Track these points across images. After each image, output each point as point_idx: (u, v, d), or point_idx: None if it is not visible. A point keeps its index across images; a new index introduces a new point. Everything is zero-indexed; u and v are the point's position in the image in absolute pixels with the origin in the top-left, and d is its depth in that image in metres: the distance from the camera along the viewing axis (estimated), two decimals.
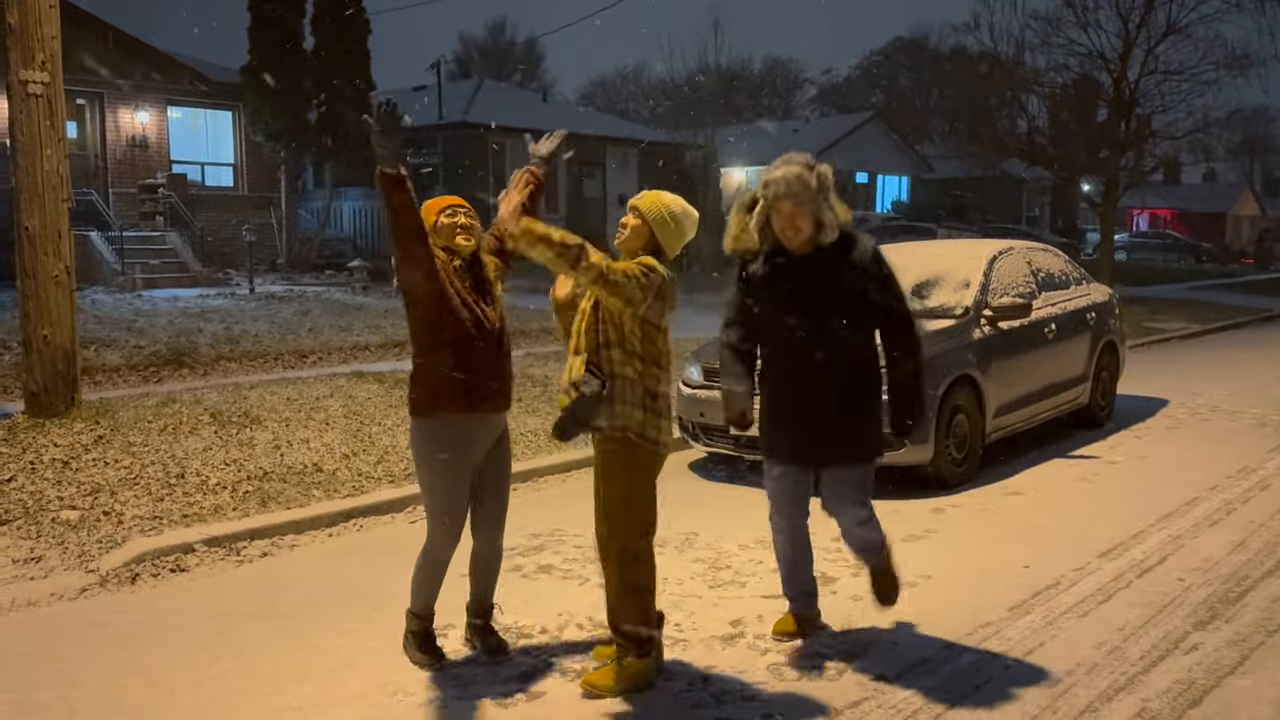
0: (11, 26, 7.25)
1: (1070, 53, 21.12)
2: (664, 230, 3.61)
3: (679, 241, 3.65)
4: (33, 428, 7.08)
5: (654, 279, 3.49)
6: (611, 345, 3.54)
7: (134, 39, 20.06)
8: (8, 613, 4.52)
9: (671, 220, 3.62)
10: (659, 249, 3.61)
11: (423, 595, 3.96)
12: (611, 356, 3.54)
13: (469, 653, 4.07)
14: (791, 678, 3.83)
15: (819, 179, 3.77)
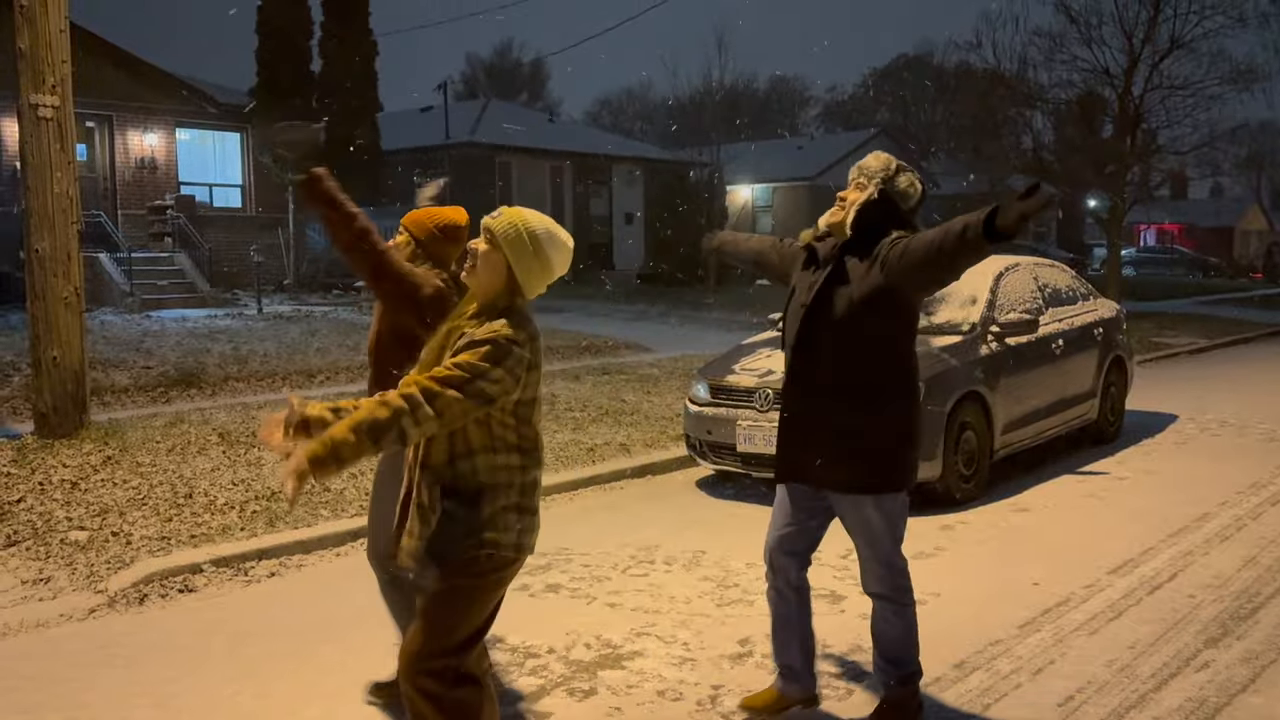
0: (22, 51, 7.32)
1: (1074, 69, 21.16)
2: (522, 259, 2.69)
3: (542, 278, 2.75)
4: (42, 449, 7.10)
5: (519, 354, 2.61)
6: (475, 451, 2.67)
7: (143, 62, 20.22)
8: (17, 634, 4.52)
9: (533, 245, 2.70)
10: (516, 289, 2.71)
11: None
12: (477, 465, 2.67)
13: None
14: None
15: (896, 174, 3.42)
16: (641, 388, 10.48)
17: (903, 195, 3.43)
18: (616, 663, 4.14)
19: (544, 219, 2.77)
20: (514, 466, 2.71)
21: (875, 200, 3.39)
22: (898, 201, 3.42)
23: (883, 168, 3.43)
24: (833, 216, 3.49)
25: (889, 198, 3.41)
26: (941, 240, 3.14)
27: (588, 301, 19.86)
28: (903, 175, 3.44)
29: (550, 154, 26.55)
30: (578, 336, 14.15)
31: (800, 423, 3.47)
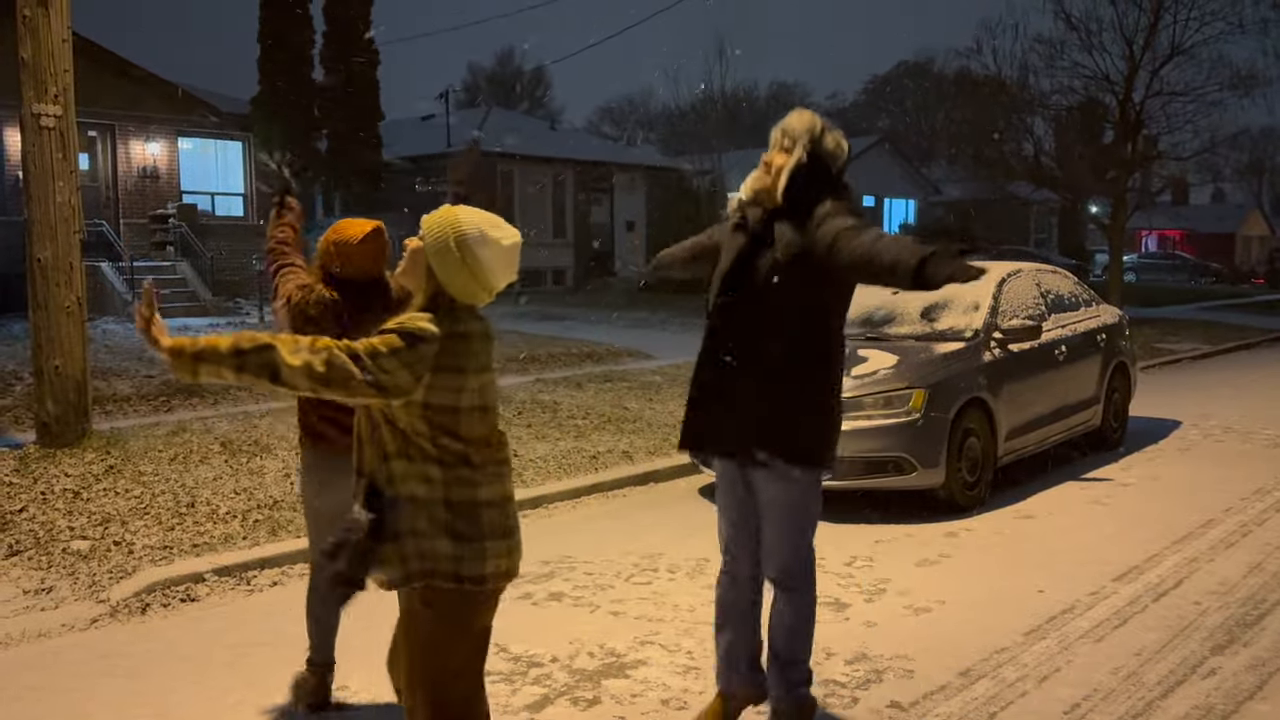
0: (24, 60, 7.33)
1: (1075, 75, 21.18)
2: (444, 260, 2.50)
3: (472, 279, 2.52)
4: (44, 458, 7.09)
5: (422, 351, 2.42)
6: (391, 457, 2.50)
7: (145, 71, 20.26)
8: (19, 644, 4.51)
9: (458, 247, 2.49)
10: (439, 289, 2.53)
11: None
12: (391, 471, 2.50)
13: None
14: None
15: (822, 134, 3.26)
16: (644, 395, 10.47)
17: (831, 156, 3.28)
18: (620, 671, 4.13)
19: (480, 219, 2.54)
20: (434, 480, 2.48)
21: (804, 164, 3.22)
22: (827, 163, 3.26)
23: (808, 129, 3.26)
24: (758, 182, 3.32)
25: (818, 160, 3.25)
26: (870, 259, 3.00)
27: (588, 309, 19.87)
28: (828, 135, 3.28)
29: (551, 162, 26.58)
30: (579, 344, 14.14)
31: (713, 388, 3.33)
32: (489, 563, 2.50)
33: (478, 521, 2.50)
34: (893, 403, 6.45)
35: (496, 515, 2.54)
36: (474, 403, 2.50)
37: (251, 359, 2.36)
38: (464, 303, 2.53)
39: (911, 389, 6.47)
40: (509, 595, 5.05)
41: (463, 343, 2.48)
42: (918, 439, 6.39)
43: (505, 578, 2.57)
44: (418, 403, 2.44)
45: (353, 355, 2.38)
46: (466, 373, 2.47)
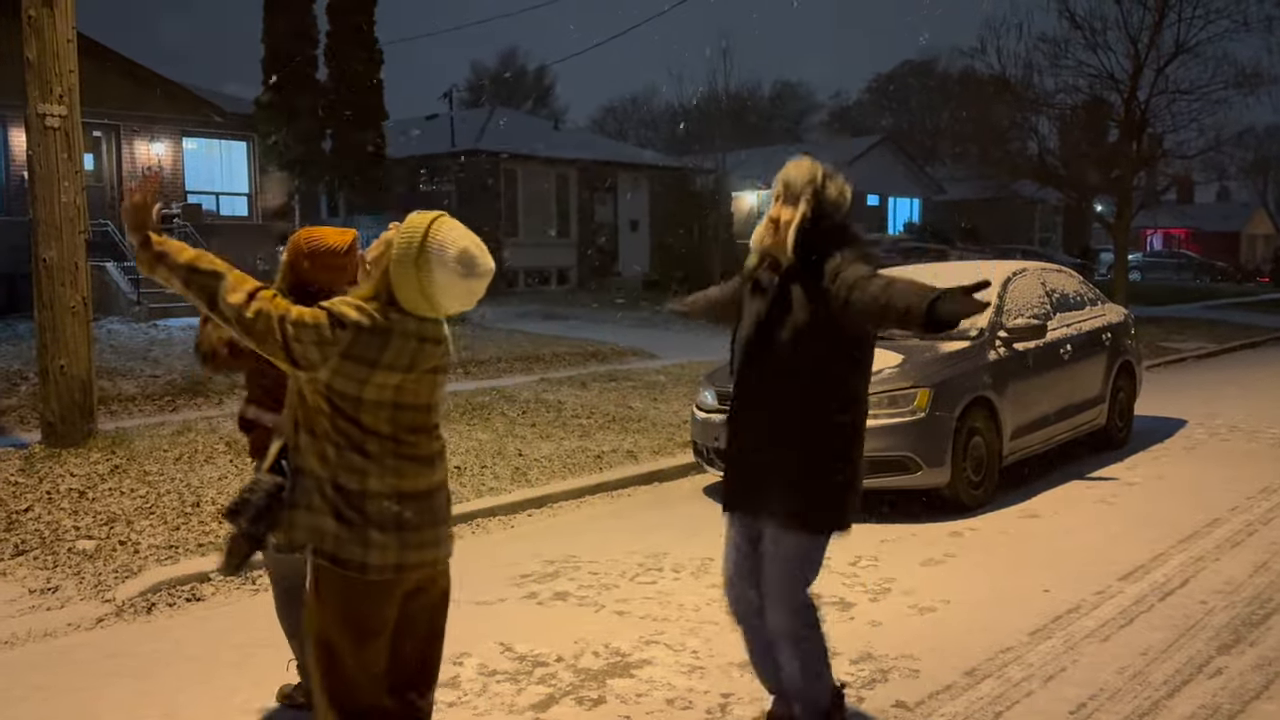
0: (29, 61, 7.34)
1: (1080, 74, 21.13)
2: (400, 267, 2.53)
3: (419, 291, 2.53)
4: (49, 458, 7.11)
5: (338, 334, 2.47)
6: (299, 428, 2.59)
7: (149, 71, 20.29)
8: (24, 643, 4.52)
9: (416, 262, 2.51)
10: (386, 288, 2.57)
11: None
12: (298, 442, 2.59)
13: (485, 681, 4.05)
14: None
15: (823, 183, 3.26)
16: (648, 394, 10.47)
17: (835, 205, 3.27)
18: (625, 671, 4.13)
19: (457, 242, 2.53)
20: (328, 460, 2.53)
21: (808, 218, 3.22)
22: (831, 213, 3.26)
23: (809, 180, 3.26)
24: (768, 239, 3.32)
25: (823, 211, 3.24)
26: (885, 307, 2.99)
27: (593, 308, 19.87)
28: (830, 184, 3.27)
29: (555, 162, 26.57)
30: (583, 344, 14.14)
31: (742, 454, 3.39)
32: (371, 552, 2.53)
33: (362, 509, 2.53)
34: (897, 402, 6.44)
35: (387, 507, 2.55)
36: (382, 398, 2.53)
37: (198, 278, 2.50)
38: (407, 308, 2.55)
39: (916, 388, 6.47)
40: (514, 595, 5.11)
41: (380, 338, 2.50)
42: (922, 438, 6.38)
43: (393, 571, 2.56)
44: (322, 383, 2.51)
45: (281, 317, 2.47)
46: (377, 367, 2.50)
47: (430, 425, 2.67)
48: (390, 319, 2.52)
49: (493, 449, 7.90)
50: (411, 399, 2.58)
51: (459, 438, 8.15)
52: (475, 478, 7.16)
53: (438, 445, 2.70)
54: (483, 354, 13.22)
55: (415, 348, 2.55)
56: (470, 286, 2.55)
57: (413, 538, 2.59)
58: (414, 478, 2.59)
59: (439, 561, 2.69)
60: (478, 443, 8.05)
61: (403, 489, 2.58)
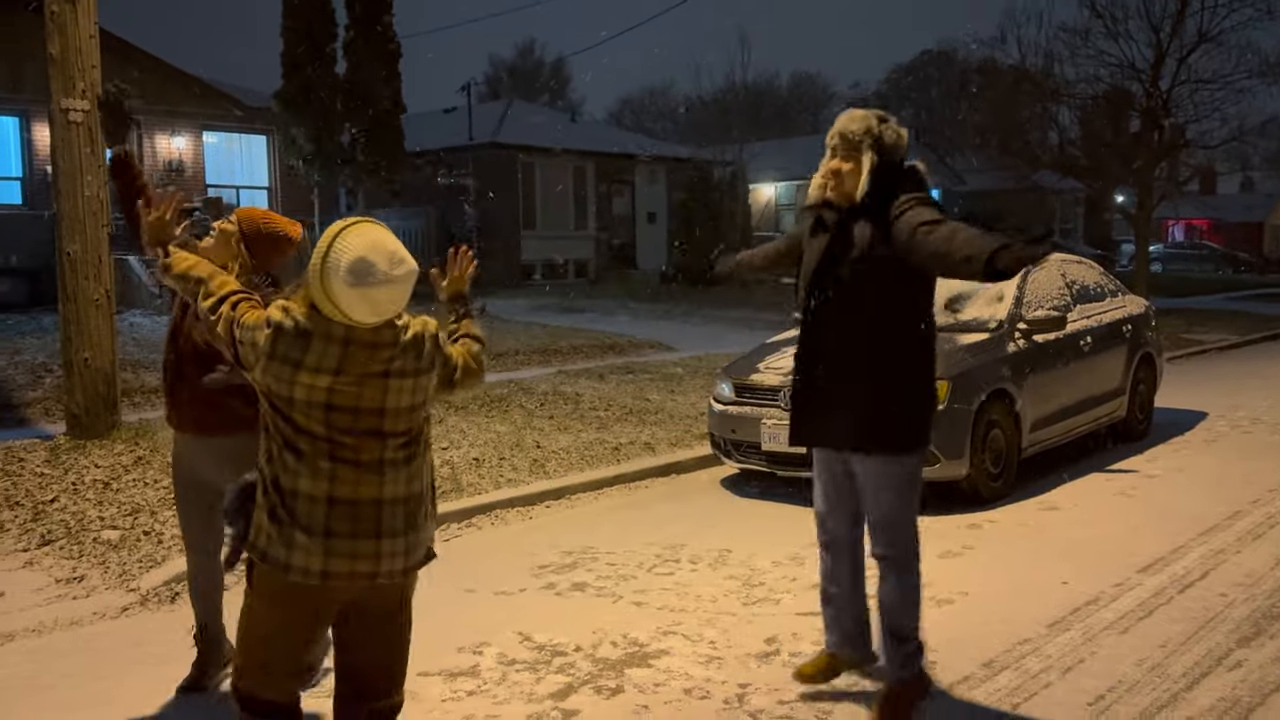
0: (53, 56, 7.40)
1: (1101, 64, 20.94)
2: (311, 276, 2.57)
3: (324, 302, 2.53)
4: (74, 449, 7.19)
5: (265, 335, 2.55)
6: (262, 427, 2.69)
7: (170, 66, 20.42)
8: (51, 631, 4.59)
9: (318, 272, 2.53)
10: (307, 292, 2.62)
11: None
12: (260, 442, 2.69)
13: (505, 670, 4.08)
14: (828, 696, 3.80)
15: (881, 129, 3.39)
16: (665, 387, 10.48)
17: (895, 148, 3.41)
18: (643, 661, 4.15)
19: (352, 245, 2.51)
20: (272, 459, 2.59)
21: (877, 165, 3.36)
22: (893, 155, 3.40)
23: (866, 130, 3.38)
24: (831, 192, 3.43)
25: (884, 155, 3.38)
26: (947, 253, 3.14)
27: (610, 301, 19.88)
28: (886, 130, 3.41)
29: (572, 154, 26.57)
30: (600, 336, 14.16)
31: (814, 386, 3.50)
32: (295, 554, 2.55)
33: (292, 510, 2.56)
34: None
35: (317, 511, 2.55)
36: (313, 398, 2.54)
37: (188, 286, 2.81)
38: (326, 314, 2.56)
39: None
40: (532, 585, 5.15)
41: (302, 340, 2.53)
42: (941, 430, 6.36)
43: (318, 578, 2.56)
44: (260, 382, 2.59)
45: (233, 320, 2.64)
46: (301, 368, 2.53)
47: (385, 430, 2.60)
48: (314, 322, 2.54)
49: (511, 441, 7.93)
50: (350, 402, 2.55)
51: (477, 430, 8.19)
52: (494, 469, 7.20)
53: (397, 454, 2.62)
54: (500, 346, 13.25)
55: (341, 351, 2.54)
56: (367, 295, 2.49)
57: (342, 546, 2.56)
58: (351, 484, 2.57)
59: (378, 575, 2.61)
60: (496, 434, 8.09)
61: (335, 494, 2.56)
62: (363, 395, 2.56)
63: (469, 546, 5.94)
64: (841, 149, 3.40)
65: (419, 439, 2.69)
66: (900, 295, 3.39)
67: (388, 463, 2.60)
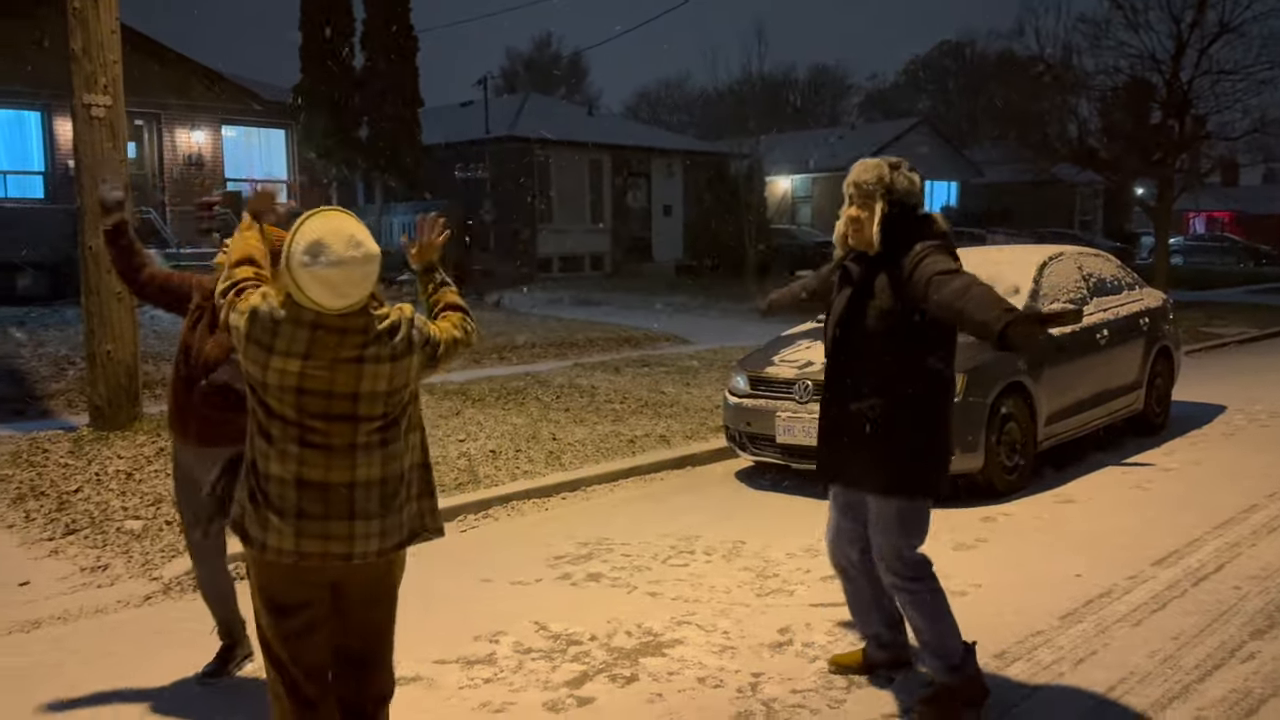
0: (74, 52, 7.49)
1: (1120, 55, 20.78)
2: (281, 273, 2.68)
3: (295, 290, 2.62)
4: (97, 440, 7.29)
5: (243, 320, 2.67)
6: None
7: (190, 60, 20.55)
8: (77, 619, 4.67)
9: (285, 262, 2.62)
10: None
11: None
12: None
13: (521, 659, 4.13)
14: (840, 685, 3.83)
15: (893, 177, 3.52)
16: (681, 380, 10.51)
17: (908, 194, 3.53)
18: (658, 650, 4.19)
19: (312, 228, 2.61)
20: (252, 443, 2.72)
21: (888, 213, 3.48)
22: (905, 201, 3.51)
23: (878, 179, 3.51)
24: (853, 239, 3.58)
25: (897, 203, 3.50)
26: (959, 311, 3.24)
27: (626, 294, 19.92)
28: (898, 177, 3.53)
29: (589, 147, 26.61)
30: (616, 329, 14.20)
31: (834, 428, 3.65)
32: (268, 534, 2.67)
33: (265, 491, 2.68)
34: None
35: (287, 493, 2.65)
36: (285, 383, 2.63)
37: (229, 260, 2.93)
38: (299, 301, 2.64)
39: None
40: (548, 576, 5.20)
41: (273, 325, 2.63)
42: (956, 423, 6.36)
43: (291, 557, 2.65)
44: (243, 366, 2.71)
45: (227, 309, 2.75)
46: (273, 353, 2.62)
47: (359, 414, 2.66)
48: (286, 308, 2.64)
49: (527, 433, 7.99)
50: (323, 386, 2.63)
51: (494, 422, 8.25)
52: (510, 461, 7.25)
53: (370, 438, 2.68)
54: (517, 339, 13.31)
55: (309, 336, 2.61)
56: (320, 276, 2.56)
57: (313, 527, 2.65)
58: (321, 468, 2.64)
59: (352, 556, 2.68)
60: (512, 426, 8.15)
61: (305, 477, 2.65)
62: (335, 380, 2.63)
63: (486, 537, 6.00)
64: (857, 198, 3.54)
65: (398, 422, 2.75)
66: (918, 345, 3.48)
67: (360, 446, 2.67)
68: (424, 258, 3.11)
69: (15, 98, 18.27)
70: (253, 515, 2.68)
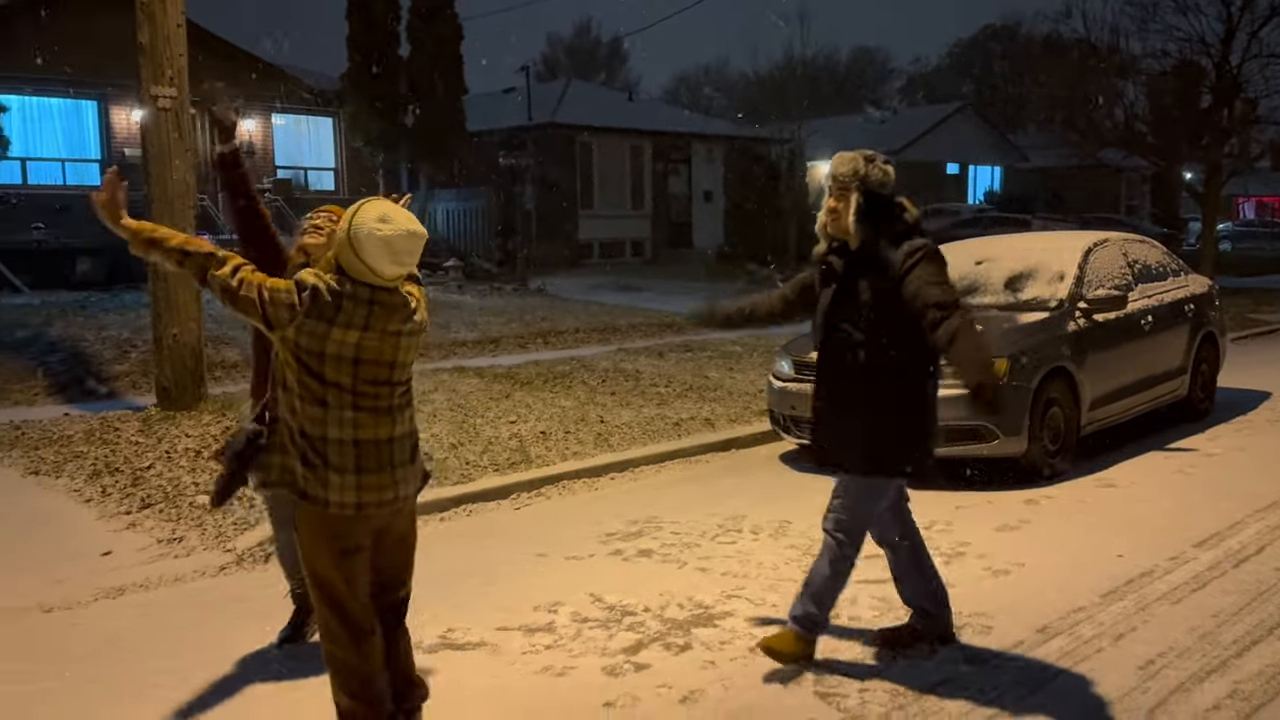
0: (142, 45, 7.77)
1: (1169, 38, 20.53)
2: (340, 247, 3.00)
3: (358, 265, 2.96)
4: (164, 419, 7.60)
5: (303, 298, 2.92)
6: (278, 383, 3.09)
7: (240, 49, 20.95)
8: (157, 587, 4.95)
9: (349, 238, 2.96)
10: (337, 263, 3.04)
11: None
12: (278, 396, 3.10)
13: (579, 628, 4.33)
14: (886, 655, 3.99)
15: (867, 170, 3.71)
16: (724, 364, 10.66)
17: (881, 185, 3.73)
18: (709, 621, 4.38)
19: (375, 215, 2.95)
20: (295, 412, 2.99)
21: (863, 204, 3.70)
22: (879, 191, 3.72)
23: (853, 171, 3.73)
24: (831, 227, 3.80)
25: (872, 193, 3.71)
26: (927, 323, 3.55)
27: (667, 280, 20.05)
28: (872, 169, 3.73)
29: (629, 133, 26.71)
30: (658, 314, 14.36)
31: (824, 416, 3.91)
32: (331, 491, 2.98)
33: (323, 454, 2.98)
34: None
35: (347, 453, 2.99)
36: (343, 353, 2.95)
37: (192, 259, 2.95)
38: (356, 277, 2.97)
39: (994, 358, 6.53)
40: (601, 551, 5.40)
41: (335, 301, 2.93)
42: (999, 407, 6.45)
43: (353, 509, 3.00)
44: (291, 340, 2.95)
45: (259, 285, 2.93)
46: (334, 325, 2.93)
47: (394, 380, 3.07)
48: (344, 286, 2.96)
49: (575, 415, 8.19)
50: (373, 355, 2.99)
51: (543, 404, 8.46)
52: (560, 442, 7.46)
53: (400, 400, 3.10)
54: (561, 325, 13.53)
55: (368, 310, 2.96)
56: (390, 240, 2.92)
57: (370, 480, 3.02)
58: (372, 428, 3.02)
59: (398, 500, 3.10)
60: (561, 409, 8.35)
61: (360, 437, 3.00)
62: (383, 350, 3.01)
63: (539, 514, 6.21)
64: (835, 189, 3.77)
65: (410, 387, 3.19)
66: (892, 342, 3.69)
67: (395, 407, 3.08)
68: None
69: (73, 87, 18.75)
70: (311, 477, 2.98)
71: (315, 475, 2.97)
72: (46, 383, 9.15)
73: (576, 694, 3.73)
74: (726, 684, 3.79)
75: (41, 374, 9.35)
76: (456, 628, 4.33)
